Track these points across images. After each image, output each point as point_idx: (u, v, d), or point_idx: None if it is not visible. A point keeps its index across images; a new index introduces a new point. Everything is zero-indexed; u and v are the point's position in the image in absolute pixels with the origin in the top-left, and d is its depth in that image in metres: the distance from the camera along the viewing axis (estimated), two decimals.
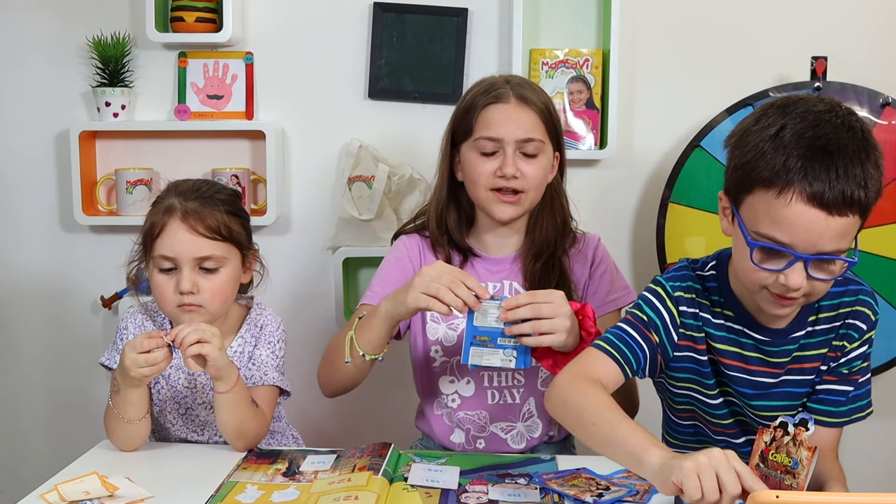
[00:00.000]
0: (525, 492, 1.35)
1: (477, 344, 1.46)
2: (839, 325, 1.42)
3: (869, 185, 1.22)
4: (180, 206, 1.55)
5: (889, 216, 2.18)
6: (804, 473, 1.23)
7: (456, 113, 1.71)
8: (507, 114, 1.65)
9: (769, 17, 2.29)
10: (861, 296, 1.43)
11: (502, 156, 1.64)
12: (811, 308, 1.39)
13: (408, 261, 1.73)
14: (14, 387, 2.46)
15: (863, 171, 1.21)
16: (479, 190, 1.67)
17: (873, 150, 1.24)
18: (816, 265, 1.25)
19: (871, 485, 2.40)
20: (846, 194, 1.19)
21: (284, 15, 2.32)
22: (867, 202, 1.23)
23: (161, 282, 1.56)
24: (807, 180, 1.20)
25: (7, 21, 2.30)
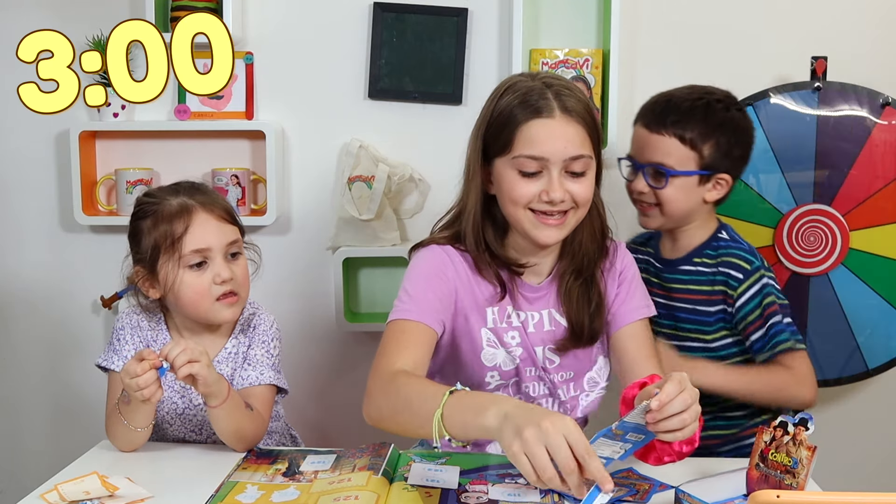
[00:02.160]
0: (525, 492, 1.35)
1: (608, 435, 1.24)
2: (717, 270, 1.75)
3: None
4: (194, 200, 1.57)
5: (889, 216, 2.18)
6: (804, 473, 1.23)
7: (487, 122, 1.53)
8: (552, 130, 1.47)
9: (769, 17, 2.29)
10: (733, 250, 1.75)
11: (547, 177, 1.48)
12: (697, 252, 1.78)
13: (454, 275, 1.56)
14: (14, 387, 2.46)
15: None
16: (518, 211, 1.51)
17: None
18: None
19: (871, 485, 2.40)
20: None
21: (284, 15, 2.32)
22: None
23: (195, 279, 1.55)
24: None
25: (7, 21, 2.30)
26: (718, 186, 1.74)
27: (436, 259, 1.57)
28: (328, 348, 2.40)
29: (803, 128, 2.17)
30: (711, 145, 1.70)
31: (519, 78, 1.56)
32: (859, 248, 2.18)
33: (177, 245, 1.54)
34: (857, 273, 2.19)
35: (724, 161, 1.71)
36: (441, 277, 1.55)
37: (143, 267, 1.58)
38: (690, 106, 1.71)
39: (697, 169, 1.70)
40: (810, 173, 2.18)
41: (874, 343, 2.22)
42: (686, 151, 1.69)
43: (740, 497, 1.30)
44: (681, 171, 1.70)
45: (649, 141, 1.72)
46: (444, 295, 1.54)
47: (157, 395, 1.44)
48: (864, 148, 2.17)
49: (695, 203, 1.74)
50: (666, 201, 1.72)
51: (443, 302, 1.54)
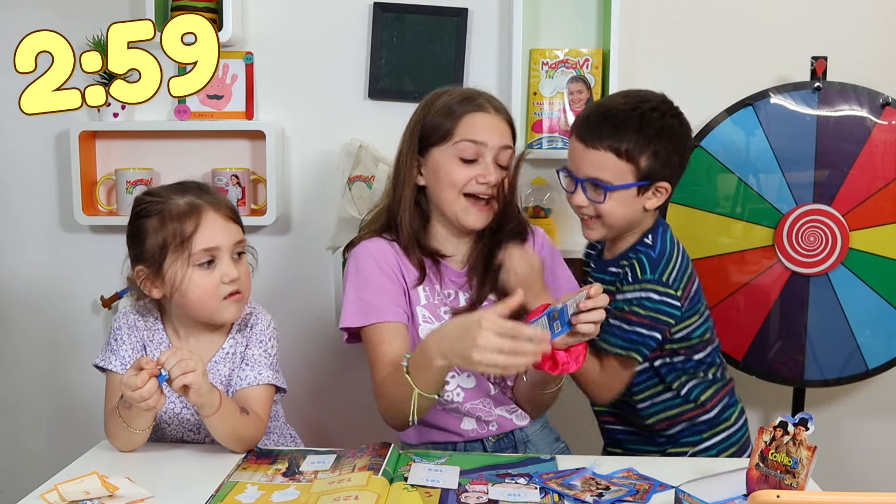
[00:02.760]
0: (525, 492, 1.35)
1: (544, 321, 1.48)
2: (623, 269, 1.72)
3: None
4: (202, 200, 1.57)
5: (889, 216, 2.18)
6: (804, 473, 1.23)
7: (425, 118, 1.71)
8: (489, 122, 1.69)
9: (769, 17, 2.29)
10: (639, 254, 1.71)
11: (483, 163, 1.68)
12: (623, 254, 1.75)
13: (387, 266, 1.71)
14: (14, 387, 2.46)
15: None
16: (453, 195, 1.68)
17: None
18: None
19: (871, 485, 2.40)
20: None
21: (284, 15, 2.32)
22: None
23: (203, 278, 1.55)
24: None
25: (7, 21, 2.30)
26: (658, 194, 1.70)
27: (371, 256, 1.72)
28: (328, 348, 2.40)
29: (803, 128, 2.17)
30: (648, 156, 1.66)
31: (445, 90, 1.76)
32: (859, 248, 2.18)
33: (186, 244, 1.54)
34: (857, 273, 2.19)
35: (662, 170, 1.68)
36: (386, 271, 1.71)
37: (147, 266, 1.58)
38: (625, 117, 1.66)
39: (635, 181, 1.67)
40: (810, 173, 2.18)
41: (874, 343, 2.21)
42: (622, 164, 1.66)
43: (740, 497, 1.30)
44: (618, 185, 1.66)
45: (585, 155, 1.68)
46: (395, 285, 1.70)
47: (160, 403, 1.43)
48: (864, 148, 2.17)
49: (635, 212, 1.71)
50: (605, 214, 1.69)
51: (397, 292, 1.70)
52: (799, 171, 2.18)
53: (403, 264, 1.73)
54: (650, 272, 1.68)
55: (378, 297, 1.69)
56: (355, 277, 1.72)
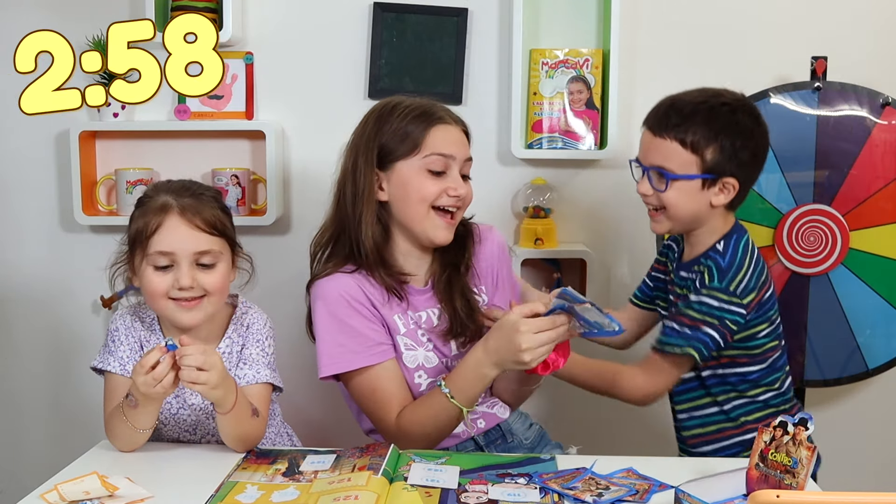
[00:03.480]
0: (525, 492, 1.35)
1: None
2: (693, 276, 1.73)
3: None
4: (176, 202, 1.55)
5: (889, 216, 2.18)
6: (804, 473, 1.23)
7: (381, 136, 1.66)
8: (454, 135, 1.68)
9: (769, 17, 2.29)
10: (708, 260, 1.71)
11: (450, 176, 1.66)
12: (696, 260, 1.75)
13: (360, 305, 1.66)
14: (14, 386, 2.46)
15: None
16: (422, 209, 1.65)
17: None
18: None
19: (871, 485, 2.40)
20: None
21: (284, 15, 2.32)
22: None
23: (155, 279, 1.54)
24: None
25: (7, 21, 2.30)
26: (725, 190, 1.69)
27: (345, 294, 1.65)
28: None
29: (803, 128, 2.17)
30: (714, 149, 1.66)
31: (395, 100, 1.71)
32: (859, 248, 2.18)
33: (145, 242, 1.55)
34: (857, 273, 2.19)
35: (728, 165, 1.67)
36: (361, 310, 1.66)
37: (128, 254, 1.60)
38: (693, 109, 1.68)
39: (700, 173, 1.67)
40: (810, 173, 2.18)
41: (874, 343, 2.22)
42: (687, 155, 1.66)
43: (740, 497, 1.30)
44: (681, 175, 1.67)
45: (652, 144, 1.71)
46: (373, 323, 1.66)
47: (173, 385, 1.43)
48: (864, 148, 2.17)
49: (700, 207, 1.70)
50: (669, 205, 1.70)
51: (376, 330, 1.66)
52: (799, 171, 2.18)
53: (374, 296, 1.67)
54: (717, 280, 1.68)
55: (359, 339, 1.64)
56: (329, 322, 1.65)
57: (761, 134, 1.72)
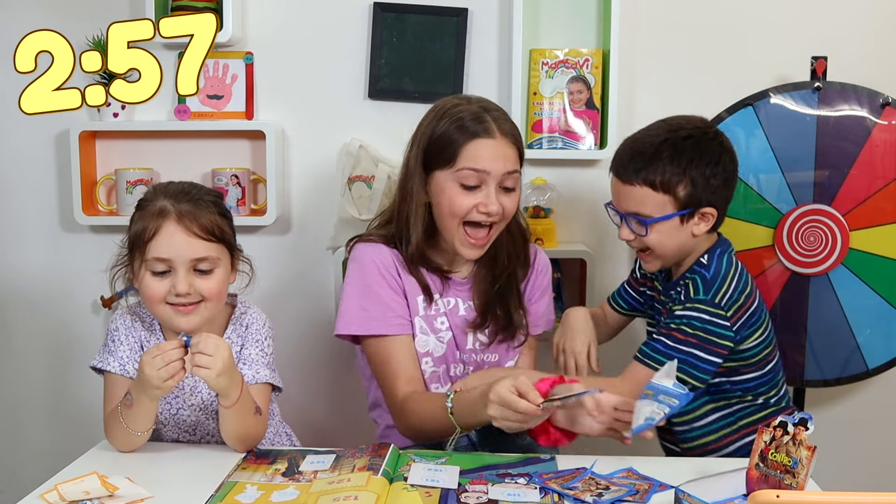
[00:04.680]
0: (525, 492, 1.35)
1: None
2: (677, 290, 1.73)
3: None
4: (173, 208, 1.54)
5: (889, 216, 2.18)
6: (804, 473, 1.23)
7: (429, 137, 1.70)
8: (493, 149, 1.66)
9: (769, 17, 2.29)
10: (693, 274, 1.71)
11: (485, 191, 1.66)
12: (683, 275, 1.74)
13: (391, 276, 1.73)
14: (14, 387, 2.46)
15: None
16: (453, 223, 1.68)
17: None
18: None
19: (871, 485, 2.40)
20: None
21: (284, 15, 2.32)
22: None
23: (153, 284, 1.54)
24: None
25: (7, 21, 2.30)
26: (704, 219, 1.69)
27: (378, 262, 1.72)
28: (328, 348, 2.40)
29: (803, 128, 2.17)
30: (685, 184, 1.66)
31: (456, 101, 1.73)
32: (859, 248, 2.18)
33: (143, 247, 1.54)
34: (857, 273, 2.19)
35: (703, 195, 1.66)
36: (389, 281, 1.72)
37: (128, 255, 1.60)
38: (655, 150, 1.66)
39: (676, 210, 1.67)
40: (810, 173, 2.18)
41: (874, 343, 2.21)
42: (660, 196, 1.66)
43: (740, 497, 1.30)
44: (658, 218, 1.67)
45: (622, 191, 1.70)
46: (398, 296, 1.72)
47: (180, 376, 1.44)
48: (864, 148, 2.17)
49: (684, 240, 1.70)
50: (653, 246, 1.70)
51: (400, 304, 1.72)
52: (799, 171, 2.18)
53: (404, 276, 1.74)
54: (703, 293, 1.68)
55: (381, 308, 1.70)
56: (357, 285, 1.72)
57: (729, 158, 1.71)
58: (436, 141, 1.69)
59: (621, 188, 1.70)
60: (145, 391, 1.46)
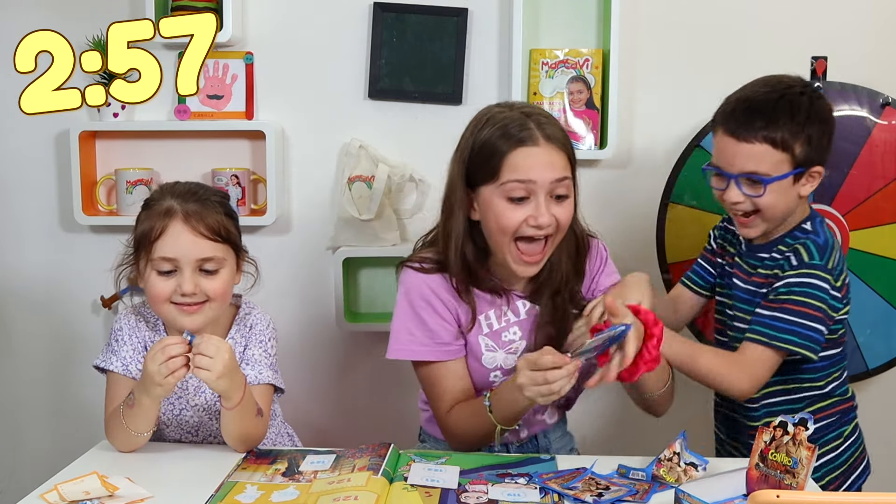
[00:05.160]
0: (525, 491, 1.35)
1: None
2: (784, 255, 1.69)
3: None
4: (180, 207, 1.55)
5: (889, 216, 2.18)
6: (804, 473, 1.23)
7: (470, 152, 1.59)
8: (537, 157, 1.55)
9: (769, 17, 2.29)
10: (804, 239, 1.68)
11: (534, 202, 1.55)
12: (779, 240, 1.72)
13: (440, 302, 1.65)
14: (14, 387, 2.46)
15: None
16: (504, 240, 1.58)
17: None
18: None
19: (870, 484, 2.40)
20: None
21: (284, 15, 2.32)
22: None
23: (158, 284, 1.55)
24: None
25: (7, 21, 2.30)
26: (812, 179, 1.68)
27: (427, 290, 1.65)
28: (328, 348, 2.40)
29: None
30: (802, 142, 1.63)
31: (497, 109, 1.62)
32: (859, 248, 2.18)
33: (149, 247, 1.55)
34: (857, 273, 2.19)
35: (815, 154, 1.65)
36: (438, 308, 1.65)
37: (133, 255, 1.60)
38: (774, 106, 1.64)
39: (791, 169, 1.64)
40: None
41: (874, 343, 2.22)
42: (779, 155, 1.63)
43: (740, 497, 1.30)
44: (777, 177, 1.63)
45: (739, 150, 1.64)
46: (449, 323, 1.66)
47: (180, 373, 1.43)
48: (864, 148, 2.17)
49: (791, 202, 1.68)
50: (765, 208, 1.66)
51: (450, 330, 1.66)
52: None
53: (457, 299, 1.66)
54: (818, 258, 1.65)
55: (428, 335, 1.65)
56: (405, 309, 1.66)
57: (832, 115, 1.70)
58: (477, 153, 1.58)
59: (737, 147, 1.64)
60: (147, 390, 1.46)
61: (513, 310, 1.68)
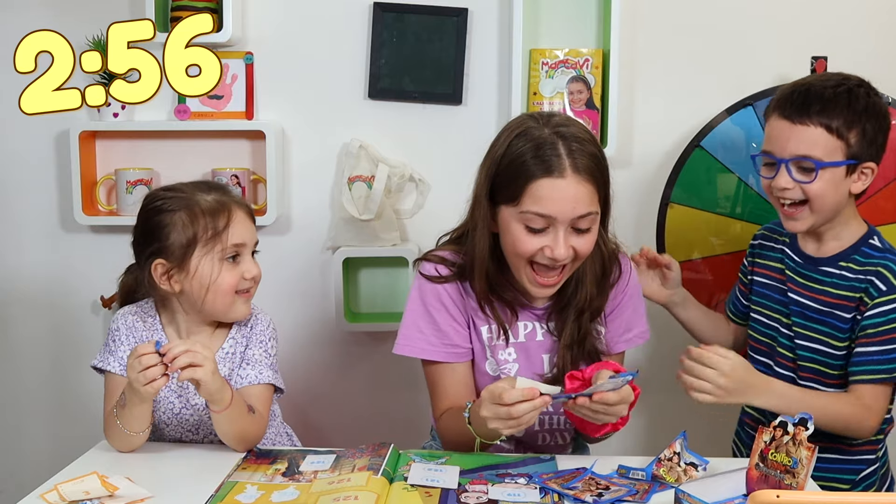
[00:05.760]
0: (525, 492, 1.35)
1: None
2: (863, 277, 1.64)
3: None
4: (228, 198, 1.61)
5: (889, 216, 2.18)
6: (804, 473, 1.23)
7: (497, 167, 1.54)
8: (562, 191, 1.48)
9: (769, 17, 2.29)
10: (886, 261, 1.64)
11: (553, 234, 1.50)
12: (844, 255, 1.67)
13: (453, 305, 1.65)
14: (14, 387, 2.46)
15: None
16: (519, 262, 1.56)
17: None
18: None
19: None
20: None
21: (284, 15, 2.32)
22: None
23: (227, 272, 1.58)
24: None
25: (7, 21, 2.30)
26: (863, 176, 1.63)
27: (441, 292, 1.64)
28: (328, 348, 2.40)
29: None
30: (857, 133, 1.60)
31: (530, 124, 1.55)
32: None
33: (217, 239, 1.57)
34: None
35: (869, 149, 1.61)
36: (451, 309, 1.64)
37: (169, 260, 1.58)
38: (833, 93, 1.61)
39: (844, 159, 1.60)
40: None
41: None
42: (833, 141, 1.59)
43: (740, 497, 1.30)
44: (830, 163, 1.58)
45: (793, 133, 1.60)
46: (459, 325, 1.65)
47: (160, 382, 1.44)
48: None
49: (842, 196, 1.63)
50: (815, 196, 1.61)
51: (459, 333, 1.65)
52: None
53: (471, 305, 1.65)
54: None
55: (437, 334, 1.64)
56: (417, 306, 1.66)
57: (888, 116, 1.67)
58: (503, 171, 1.53)
59: (791, 129, 1.61)
60: (134, 393, 1.47)
61: (513, 331, 1.66)
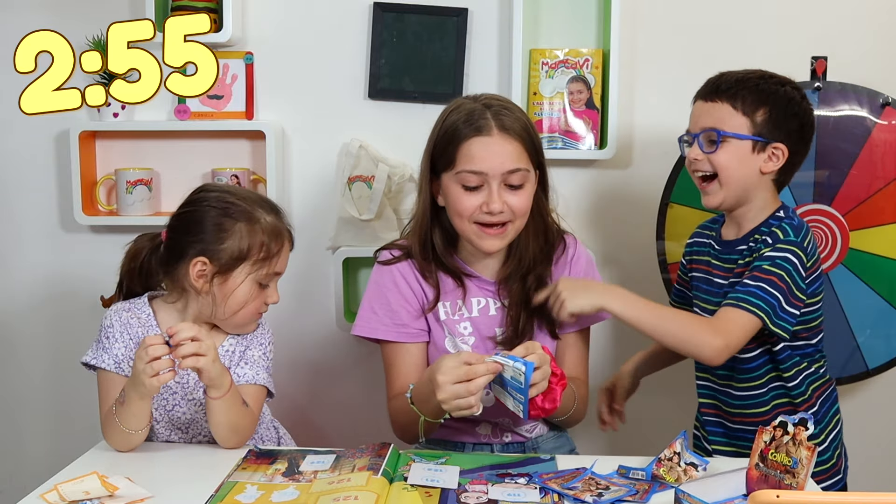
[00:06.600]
0: (525, 491, 1.35)
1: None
2: (759, 238, 1.71)
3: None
4: (284, 226, 1.66)
5: (889, 216, 2.18)
6: (804, 473, 1.24)
7: (435, 140, 1.68)
8: (490, 147, 1.61)
9: (769, 17, 2.29)
10: (778, 222, 1.71)
11: (487, 190, 1.62)
12: (754, 231, 1.74)
13: (407, 287, 1.73)
14: (14, 387, 2.46)
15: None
16: (463, 223, 1.66)
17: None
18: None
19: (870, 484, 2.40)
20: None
21: (284, 15, 2.32)
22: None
23: (257, 295, 1.62)
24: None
25: (7, 21, 2.30)
26: (773, 157, 1.70)
27: (395, 273, 1.73)
28: (328, 348, 2.41)
29: None
30: (763, 112, 1.69)
31: (464, 100, 1.69)
32: (859, 248, 2.18)
33: (266, 262, 1.61)
34: (857, 273, 2.19)
35: (776, 131, 1.69)
36: (404, 291, 1.72)
37: (212, 262, 1.59)
38: (743, 77, 1.73)
39: (750, 134, 1.69)
40: (810, 173, 2.17)
41: (874, 343, 2.21)
42: (739, 118, 1.69)
43: (740, 497, 1.31)
44: (731, 133, 1.68)
45: (702, 110, 1.74)
46: (412, 306, 1.72)
47: (166, 376, 1.45)
48: (864, 148, 2.17)
49: (750, 173, 1.71)
50: (720, 167, 1.70)
51: (412, 314, 1.72)
52: (799, 170, 2.17)
53: (424, 283, 1.73)
54: (793, 235, 1.68)
55: (390, 314, 1.71)
56: (373, 289, 1.75)
57: (807, 110, 1.74)
58: (438, 143, 1.67)
59: (701, 107, 1.74)
60: (135, 388, 1.47)
61: (467, 306, 1.73)
